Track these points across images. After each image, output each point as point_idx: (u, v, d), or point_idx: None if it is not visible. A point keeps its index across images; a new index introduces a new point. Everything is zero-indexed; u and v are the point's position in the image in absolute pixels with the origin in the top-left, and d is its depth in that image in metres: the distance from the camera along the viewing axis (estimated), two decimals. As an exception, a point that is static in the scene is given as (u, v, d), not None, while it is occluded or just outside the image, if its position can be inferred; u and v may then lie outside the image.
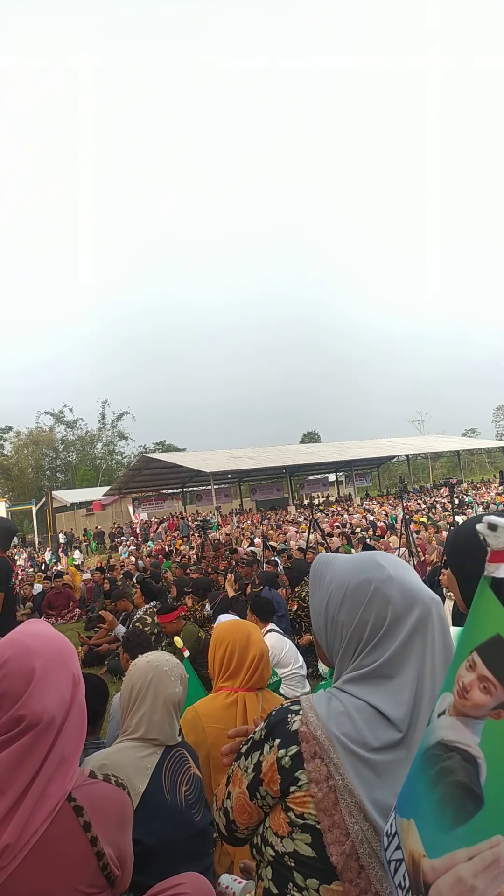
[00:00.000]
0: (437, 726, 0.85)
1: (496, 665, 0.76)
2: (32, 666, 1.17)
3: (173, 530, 28.21)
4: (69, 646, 1.30)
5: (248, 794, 1.18)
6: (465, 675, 0.80)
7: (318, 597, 1.29)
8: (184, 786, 1.79)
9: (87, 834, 1.18)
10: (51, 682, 1.18)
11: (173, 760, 1.81)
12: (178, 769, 1.80)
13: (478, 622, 0.81)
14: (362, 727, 1.09)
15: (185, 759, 1.85)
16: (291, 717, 1.15)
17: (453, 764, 0.78)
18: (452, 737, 0.80)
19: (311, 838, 1.07)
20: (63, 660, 1.24)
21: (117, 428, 66.10)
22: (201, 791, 1.87)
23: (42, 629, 1.29)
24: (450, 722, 0.82)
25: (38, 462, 62.11)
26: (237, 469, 33.35)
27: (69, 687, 1.22)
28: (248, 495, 42.45)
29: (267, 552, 12.22)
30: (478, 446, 51.40)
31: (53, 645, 1.24)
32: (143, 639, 4.08)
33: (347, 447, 41.72)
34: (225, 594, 7.77)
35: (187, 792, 1.79)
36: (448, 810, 0.77)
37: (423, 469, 57.49)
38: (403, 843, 0.85)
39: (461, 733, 0.79)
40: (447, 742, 0.81)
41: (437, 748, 0.83)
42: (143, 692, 1.81)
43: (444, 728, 0.82)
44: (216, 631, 2.43)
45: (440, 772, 0.80)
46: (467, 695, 0.79)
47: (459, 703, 0.80)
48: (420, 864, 0.79)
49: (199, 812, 1.81)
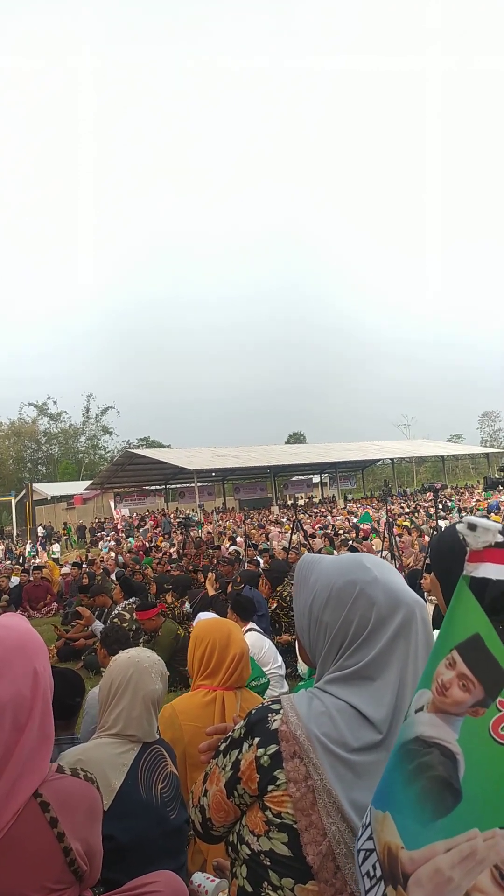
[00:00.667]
0: (415, 721, 0.86)
1: (476, 664, 0.79)
2: None
3: (155, 527, 28.12)
4: (38, 642, 1.26)
5: (226, 792, 1.18)
6: (445, 672, 0.82)
7: (302, 597, 1.28)
8: (160, 783, 1.78)
9: (54, 830, 1.17)
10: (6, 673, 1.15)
11: (150, 758, 1.80)
12: (154, 766, 1.79)
13: (457, 621, 0.83)
14: (343, 728, 1.09)
15: (161, 757, 1.84)
16: (272, 715, 1.14)
17: (432, 759, 0.80)
18: (431, 733, 0.82)
19: (287, 837, 1.07)
20: (25, 653, 1.20)
21: (101, 422, 65.84)
22: (177, 789, 1.86)
23: (14, 622, 1.27)
24: (429, 718, 0.83)
25: (19, 454, 61.58)
26: (221, 467, 33.34)
27: (28, 681, 1.18)
28: (232, 494, 42.44)
29: (249, 551, 12.22)
30: (462, 452, 51.83)
31: (17, 637, 1.21)
32: (121, 635, 4.06)
33: (333, 449, 41.86)
34: (205, 592, 7.76)
35: (163, 790, 1.78)
36: (428, 804, 0.79)
37: (407, 473, 57.88)
38: (377, 834, 0.87)
39: (440, 729, 0.81)
40: (426, 738, 0.83)
41: (416, 743, 0.84)
42: (123, 688, 1.80)
43: (423, 724, 0.84)
44: (196, 629, 2.42)
45: (419, 766, 0.82)
46: (447, 692, 0.81)
47: (439, 700, 0.82)
48: (398, 856, 0.80)
49: (174, 810, 1.80)
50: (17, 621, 1.28)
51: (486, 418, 73.80)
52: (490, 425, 73.71)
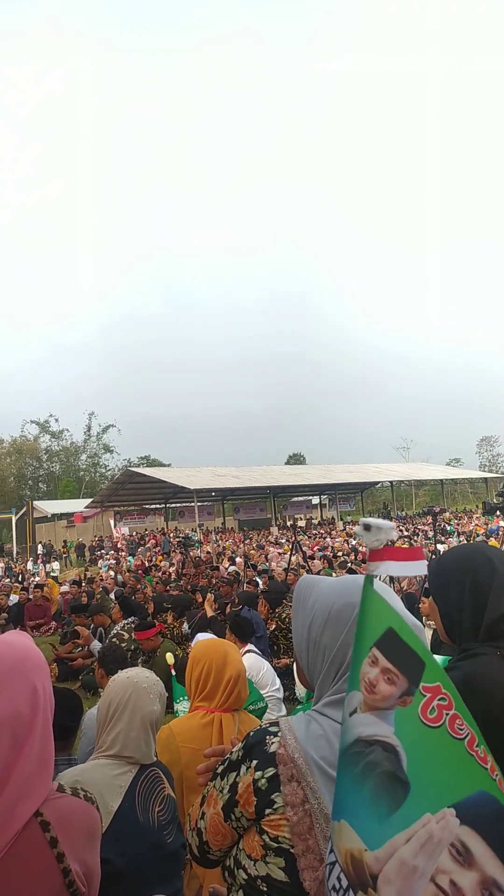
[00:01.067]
0: (350, 725, 0.89)
1: (395, 656, 0.85)
2: None
3: (155, 546, 28.00)
4: (39, 659, 1.25)
5: (223, 815, 1.17)
6: (370, 670, 0.87)
7: (301, 618, 1.29)
8: (157, 806, 1.76)
9: (54, 850, 1.15)
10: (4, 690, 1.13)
11: (147, 780, 1.78)
12: (151, 789, 1.78)
13: (370, 619, 0.89)
14: None
15: (159, 780, 1.82)
16: (270, 738, 1.14)
17: (376, 756, 0.83)
18: (369, 731, 0.85)
19: (284, 862, 1.07)
20: (23, 670, 1.19)
21: (103, 440, 65.87)
22: (174, 812, 1.84)
23: (15, 639, 1.25)
24: (363, 718, 0.87)
25: (20, 471, 61.53)
26: (221, 487, 33.27)
27: (27, 699, 1.17)
28: (232, 514, 42.29)
29: (248, 572, 12.16)
30: (462, 476, 51.74)
31: (17, 654, 1.20)
32: (119, 654, 4.03)
33: (333, 470, 41.79)
34: (203, 613, 7.72)
35: (160, 813, 1.76)
36: (382, 801, 0.81)
37: (406, 496, 57.72)
38: (336, 844, 0.88)
39: (376, 726, 0.85)
40: (365, 737, 0.85)
41: (358, 745, 0.86)
42: (121, 708, 1.79)
43: (360, 725, 0.87)
44: (194, 650, 2.41)
45: (366, 766, 0.84)
46: (374, 689, 0.86)
47: (369, 699, 0.86)
48: (363, 858, 0.82)
49: (171, 833, 1.78)
50: (20, 638, 1.27)
51: (484, 443, 73.85)
52: (489, 450, 73.74)
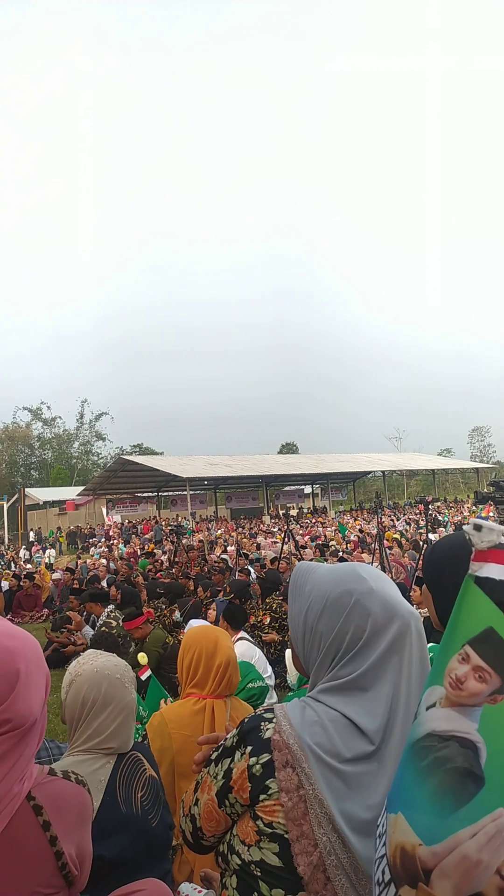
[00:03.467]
0: (426, 719, 0.88)
1: (490, 655, 0.83)
2: (17, 668, 1.15)
3: (147, 533, 28.04)
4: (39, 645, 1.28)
5: (217, 801, 1.17)
6: (458, 667, 0.85)
7: (297, 605, 1.28)
8: (139, 791, 1.74)
9: (47, 833, 1.16)
10: (32, 684, 1.16)
11: (127, 767, 1.76)
12: (132, 775, 1.76)
13: (466, 617, 0.87)
14: (335, 738, 1.09)
15: (139, 763, 1.80)
16: (264, 724, 1.14)
17: (450, 752, 0.82)
18: (447, 727, 0.84)
19: (278, 848, 1.07)
20: (39, 660, 1.22)
21: (95, 428, 65.67)
22: (157, 792, 1.82)
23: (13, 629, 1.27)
24: (443, 713, 0.85)
25: (12, 458, 61.31)
26: (214, 476, 33.33)
27: (44, 686, 1.21)
28: (224, 503, 42.37)
29: (240, 560, 12.20)
30: (454, 466, 52.02)
31: (31, 646, 1.23)
32: (111, 641, 4.04)
33: (325, 460, 41.91)
34: (195, 600, 7.74)
35: (143, 798, 1.74)
36: (447, 796, 0.80)
37: (398, 486, 57.97)
38: (389, 837, 0.87)
39: (457, 722, 0.83)
40: (440, 732, 0.84)
41: (429, 739, 0.85)
42: (98, 703, 1.73)
43: (437, 720, 0.86)
44: (185, 637, 2.42)
45: (434, 761, 0.83)
46: (462, 685, 0.84)
47: (453, 695, 0.85)
48: (416, 853, 0.81)
49: (155, 816, 1.76)
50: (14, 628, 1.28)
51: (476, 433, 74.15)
52: (480, 440, 74.04)
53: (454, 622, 0.89)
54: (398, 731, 1.11)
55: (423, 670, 1.17)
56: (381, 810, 1.05)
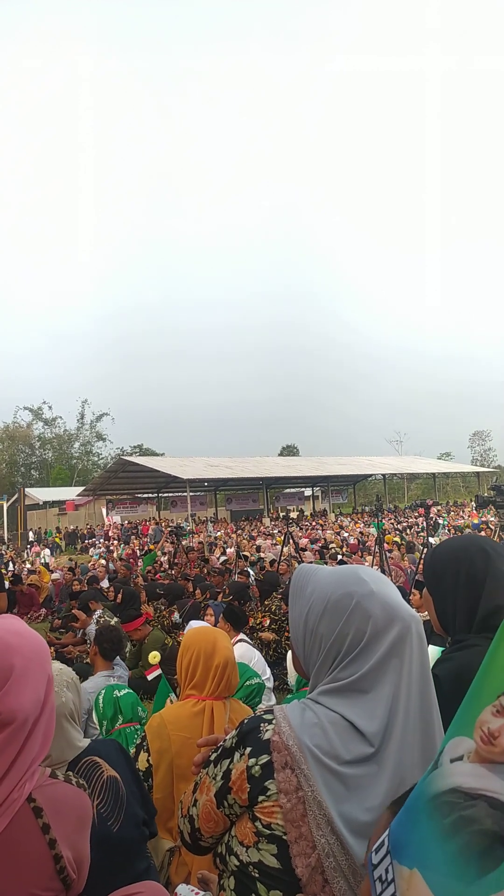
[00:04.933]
0: (450, 772, 0.80)
1: None
2: (11, 663, 1.15)
3: (146, 535, 28.03)
4: (45, 645, 1.28)
5: (216, 802, 1.17)
6: (492, 720, 0.77)
7: (298, 607, 1.29)
8: (96, 798, 1.64)
9: (46, 836, 1.16)
10: (28, 681, 1.16)
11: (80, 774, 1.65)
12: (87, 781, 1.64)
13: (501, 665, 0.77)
14: (335, 739, 1.09)
15: (93, 767, 1.71)
16: (264, 726, 1.14)
17: (477, 812, 0.74)
18: (475, 784, 0.76)
19: (276, 849, 1.07)
20: (40, 659, 1.22)
21: (96, 429, 65.68)
22: (117, 793, 1.72)
23: (20, 627, 1.27)
24: (472, 769, 0.77)
25: (12, 458, 61.29)
26: (214, 477, 33.28)
27: (43, 687, 1.21)
28: (224, 504, 42.34)
29: (239, 562, 12.20)
30: (454, 470, 52.00)
31: (32, 643, 1.23)
32: (115, 636, 4.05)
33: (325, 463, 41.88)
34: (194, 601, 7.73)
35: (100, 804, 1.65)
36: (472, 860, 0.72)
37: (398, 489, 57.96)
38: (402, 893, 0.79)
39: (488, 780, 0.75)
40: (467, 790, 0.76)
41: (453, 795, 0.78)
42: None
43: (463, 775, 0.78)
44: (184, 638, 2.42)
45: (459, 820, 0.75)
46: (495, 741, 0.75)
47: (485, 750, 0.76)
48: None
49: (116, 820, 1.67)
50: (22, 626, 1.28)
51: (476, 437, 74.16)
52: (481, 444, 74.08)
53: (488, 669, 0.80)
54: (398, 734, 1.10)
55: (424, 673, 1.16)
56: (380, 812, 1.04)
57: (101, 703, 3.01)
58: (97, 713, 3.02)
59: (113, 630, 4.09)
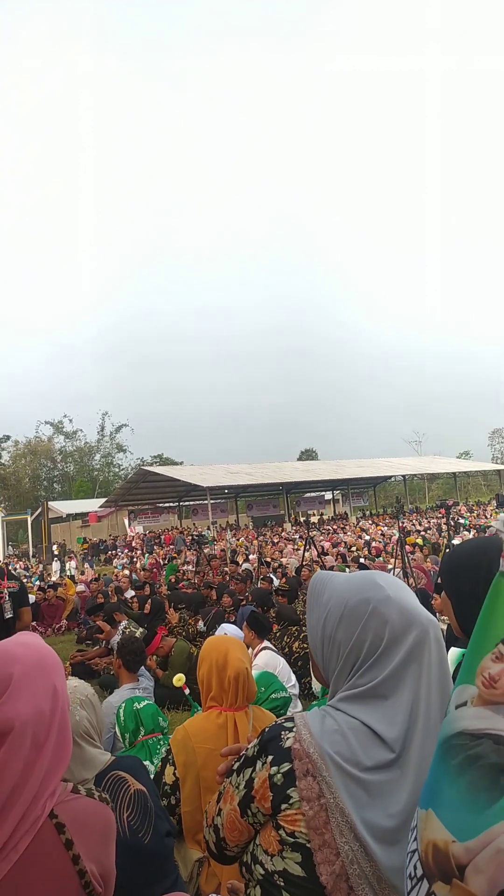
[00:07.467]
0: (457, 717, 0.87)
1: None
2: (11, 672, 1.14)
3: (169, 544, 28.10)
4: (55, 659, 1.27)
5: (240, 811, 1.18)
6: (492, 665, 0.84)
7: (315, 614, 1.29)
8: (125, 811, 1.68)
9: (70, 852, 1.15)
10: (27, 690, 1.15)
11: (107, 789, 1.68)
12: (115, 796, 1.69)
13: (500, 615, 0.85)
14: (355, 746, 1.09)
15: (120, 781, 1.72)
16: (285, 734, 1.15)
17: (483, 749, 0.80)
18: (480, 725, 0.83)
19: (301, 857, 1.07)
20: (44, 670, 1.21)
21: (116, 440, 66.21)
22: (146, 805, 1.73)
23: (30, 640, 1.28)
24: (475, 712, 0.84)
25: (35, 472, 62.04)
26: (234, 484, 33.32)
27: (48, 699, 1.19)
28: (245, 511, 42.32)
29: (262, 569, 12.18)
30: (474, 469, 51.44)
31: (36, 654, 1.22)
32: (137, 647, 4.07)
33: (345, 466, 41.71)
34: (218, 609, 7.74)
35: (130, 817, 1.68)
36: (480, 792, 0.79)
37: (419, 490, 57.47)
38: (420, 833, 0.87)
39: (490, 720, 0.82)
40: (472, 731, 0.83)
41: (460, 738, 0.84)
42: None
43: (468, 718, 0.84)
44: (201, 650, 2.39)
45: (467, 759, 0.82)
46: (496, 683, 0.82)
47: (486, 693, 0.83)
48: (448, 850, 0.80)
49: (146, 832, 1.69)
50: (34, 639, 1.29)
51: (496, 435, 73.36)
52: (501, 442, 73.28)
53: (485, 620, 0.88)
54: (418, 739, 1.10)
55: (443, 677, 1.16)
56: (403, 818, 1.05)
57: (123, 717, 3.04)
58: (119, 726, 3.04)
59: (135, 642, 4.10)
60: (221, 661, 2.24)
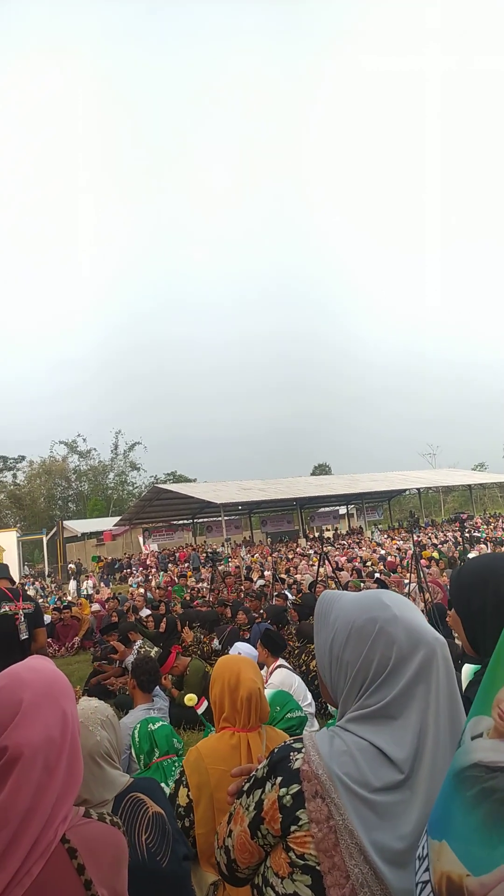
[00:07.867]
0: (472, 748, 0.86)
1: None
2: (21, 698, 1.15)
3: (183, 561, 28.04)
4: (65, 684, 1.28)
5: (250, 833, 1.18)
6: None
7: (323, 635, 1.30)
8: (143, 834, 1.67)
9: (82, 877, 1.15)
10: (38, 717, 1.16)
11: (126, 811, 1.69)
12: (133, 818, 1.69)
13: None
14: (364, 767, 1.09)
15: (138, 803, 1.72)
16: (294, 755, 1.15)
17: (499, 783, 0.80)
18: (495, 758, 0.82)
19: (311, 880, 1.06)
20: (53, 695, 1.21)
21: (129, 458, 66.53)
22: (164, 828, 1.73)
23: (39, 664, 1.28)
24: (491, 744, 0.83)
25: (50, 492, 62.45)
26: (247, 500, 33.25)
27: (58, 724, 1.19)
28: (259, 527, 42.21)
29: (277, 585, 12.12)
30: (491, 480, 50.99)
31: (46, 679, 1.22)
32: (152, 667, 4.06)
33: (359, 480, 41.52)
34: (233, 627, 7.70)
35: (148, 840, 1.67)
36: (495, 827, 0.78)
37: (434, 503, 57.04)
38: (434, 864, 0.86)
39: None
40: (488, 763, 0.83)
41: (476, 770, 0.84)
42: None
43: (484, 750, 0.84)
44: (213, 670, 2.38)
45: (482, 792, 0.82)
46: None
47: (502, 725, 0.83)
48: (463, 883, 0.80)
49: (164, 855, 1.69)
50: (43, 663, 1.30)
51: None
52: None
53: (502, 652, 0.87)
54: (427, 760, 1.10)
55: (451, 697, 1.16)
56: (413, 840, 1.05)
57: (137, 738, 3.04)
58: (134, 748, 3.04)
59: (149, 661, 4.10)
60: (233, 681, 2.23)
